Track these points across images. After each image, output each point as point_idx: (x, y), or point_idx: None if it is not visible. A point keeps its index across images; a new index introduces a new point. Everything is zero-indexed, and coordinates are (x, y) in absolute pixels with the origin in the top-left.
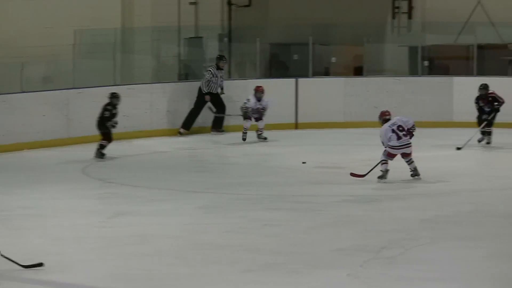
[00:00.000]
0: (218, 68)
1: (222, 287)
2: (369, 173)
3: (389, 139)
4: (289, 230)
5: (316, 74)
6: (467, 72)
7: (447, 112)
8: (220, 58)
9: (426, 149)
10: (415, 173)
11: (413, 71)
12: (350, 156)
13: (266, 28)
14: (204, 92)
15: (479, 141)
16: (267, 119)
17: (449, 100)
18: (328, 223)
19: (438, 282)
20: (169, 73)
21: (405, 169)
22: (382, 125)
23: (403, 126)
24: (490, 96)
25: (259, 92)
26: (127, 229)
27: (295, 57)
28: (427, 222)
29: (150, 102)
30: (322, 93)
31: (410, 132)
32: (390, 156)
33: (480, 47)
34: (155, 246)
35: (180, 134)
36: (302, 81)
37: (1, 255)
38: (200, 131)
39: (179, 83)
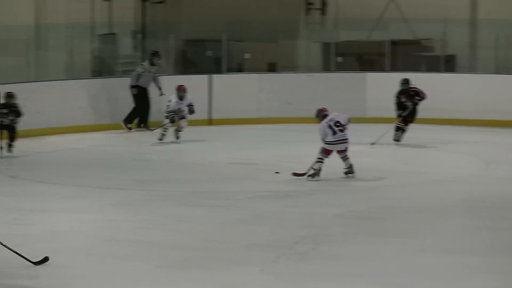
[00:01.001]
0: (152, 64)
1: (134, 283)
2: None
3: (326, 135)
4: (202, 226)
5: (229, 70)
6: (381, 68)
7: (360, 108)
8: (155, 54)
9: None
10: (349, 170)
11: (326, 67)
12: (264, 152)
13: (180, 25)
14: (132, 84)
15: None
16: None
17: (363, 96)
18: (241, 219)
19: (350, 277)
20: (82, 70)
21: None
22: (320, 122)
23: (341, 121)
24: (412, 91)
25: (181, 91)
26: (39, 226)
27: (209, 53)
28: (339, 217)
29: (63, 98)
30: (236, 89)
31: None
32: (326, 153)
33: (393, 43)
34: (66, 243)
35: (129, 129)
36: (215, 77)
37: (14, 252)
38: (115, 127)
39: (93, 79)
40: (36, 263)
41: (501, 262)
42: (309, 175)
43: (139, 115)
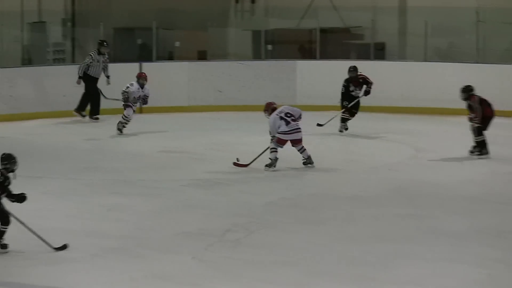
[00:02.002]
0: (100, 53)
1: (66, 272)
2: (253, 162)
3: (278, 127)
4: (134, 215)
5: (160, 58)
6: (310, 56)
7: (290, 96)
8: (101, 43)
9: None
10: (308, 161)
11: (256, 55)
12: (195, 141)
13: (110, 13)
14: (79, 76)
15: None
16: (112, 104)
17: (293, 84)
18: (173, 207)
19: (282, 265)
20: (12, 58)
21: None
22: (269, 115)
23: (292, 112)
24: (361, 78)
25: (142, 78)
26: None
27: (139, 41)
28: (271, 205)
29: None
30: (166, 77)
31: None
32: (280, 143)
33: (323, 31)
34: None
35: (83, 116)
36: (146, 65)
37: (39, 237)
38: (46, 116)
39: (22, 68)
40: (57, 249)
41: (431, 250)
42: (266, 165)
43: (90, 101)
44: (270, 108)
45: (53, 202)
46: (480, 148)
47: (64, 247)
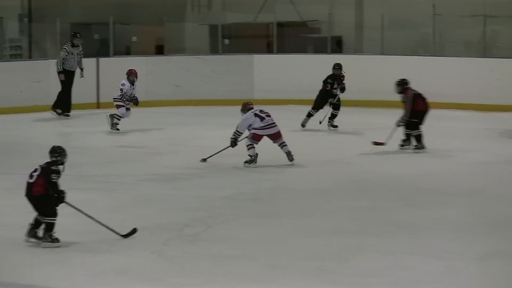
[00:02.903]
0: (73, 45)
1: (25, 268)
2: (214, 155)
3: (251, 124)
4: (91, 210)
5: (117, 53)
6: (268, 50)
7: (248, 90)
8: (74, 35)
9: (229, 127)
10: (288, 157)
11: (214, 50)
12: (152, 135)
13: (67, 8)
14: (58, 70)
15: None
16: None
17: (250, 78)
18: (131, 202)
19: (240, 259)
20: None
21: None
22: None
23: (266, 111)
24: (343, 76)
25: (132, 75)
26: None
27: (96, 37)
28: (229, 199)
29: None
30: (124, 72)
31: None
32: (255, 138)
33: (280, 25)
34: None
35: (59, 114)
36: (103, 60)
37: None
38: (2, 112)
39: None
40: (124, 236)
41: (390, 242)
42: (245, 162)
43: (64, 99)
44: (246, 108)
45: (12, 198)
46: (416, 142)
47: (133, 231)
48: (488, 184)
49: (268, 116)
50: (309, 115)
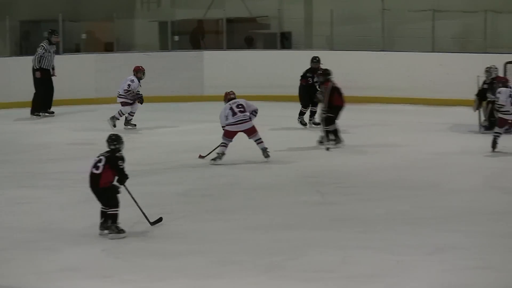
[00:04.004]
0: (51, 43)
1: None
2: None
3: (226, 118)
4: (42, 208)
5: (66, 51)
6: (217, 46)
7: (197, 86)
8: (52, 32)
9: (180, 123)
10: (265, 154)
11: (163, 46)
12: (103, 132)
13: (16, 5)
14: (35, 68)
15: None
16: (24, 96)
17: (200, 74)
18: (83, 199)
19: (192, 254)
20: None
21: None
22: None
23: (244, 105)
24: (321, 69)
25: (141, 72)
26: None
27: (45, 34)
28: (181, 195)
29: None
30: (74, 70)
31: (251, 113)
32: (228, 135)
33: (229, 21)
34: None
35: (39, 115)
36: None
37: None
38: None
39: None
40: (152, 223)
41: (342, 237)
42: (212, 159)
43: (42, 99)
44: (227, 98)
45: None
46: (334, 137)
47: (159, 220)
48: (439, 177)
49: (242, 111)
50: (302, 113)
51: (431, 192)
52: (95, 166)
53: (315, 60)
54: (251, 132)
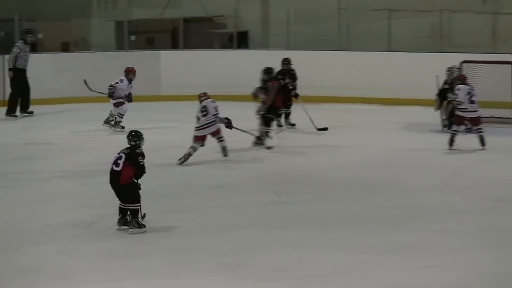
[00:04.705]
0: (26, 43)
1: None
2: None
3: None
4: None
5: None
6: (174, 46)
7: (154, 86)
8: (27, 32)
9: (136, 123)
10: (224, 153)
11: (120, 46)
12: (59, 132)
13: None
14: (10, 67)
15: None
16: None
17: (157, 74)
18: (38, 199)
19: (148, 255)
20: None
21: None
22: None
23: (208, 108)
24: (292, 70)
25: (132, 73)
26: None
27: (1, 33)
28: None
29: None
30: (30, 69)
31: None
32: (198, 139)
33: (186, 20)
34: None
35: (16, 116)
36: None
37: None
38: None
39: None
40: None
41: (298, 236)
42: (179, 159)
43: (18, 99)
44: (199, 100)
45: None
46: (261, 138)
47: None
48: (395, 176)
49: (205, 115)
50: (279, 115)
51: (387, 191)
52: (116, 163)
53: (286, 62)
54: (217, 132)
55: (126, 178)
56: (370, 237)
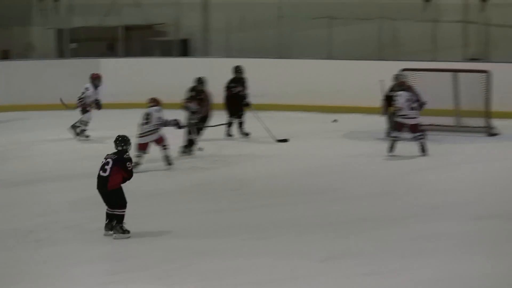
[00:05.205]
0: None
1: None
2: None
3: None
4: None
5: None
6: (114, 54)
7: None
8: None
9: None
10: (168, 162)
11: (60, 54)
12: (11, 138)
13: None
14: None
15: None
16: None
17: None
18: None
19: (84, 264)
20: None
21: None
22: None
23: (151, 117)
24: (244, 79)
25: (97, 79)
26: None
27: None
28: (77, 203)
29: None
30: None
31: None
32: (141, 148)
33: (127, 28)
34: None
35: None
36: None
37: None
38: None
39: None
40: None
41: (234, 245)
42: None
43: None
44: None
45: None
46: (188, 147)
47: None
48: (334, 184)
49: (146, 123)
50: (230, 124)
51: (326, 198)
52: (103, 169)
53: (239, 70)
54: (160, 141)
55: (115, 184)
56: (307, 245)
